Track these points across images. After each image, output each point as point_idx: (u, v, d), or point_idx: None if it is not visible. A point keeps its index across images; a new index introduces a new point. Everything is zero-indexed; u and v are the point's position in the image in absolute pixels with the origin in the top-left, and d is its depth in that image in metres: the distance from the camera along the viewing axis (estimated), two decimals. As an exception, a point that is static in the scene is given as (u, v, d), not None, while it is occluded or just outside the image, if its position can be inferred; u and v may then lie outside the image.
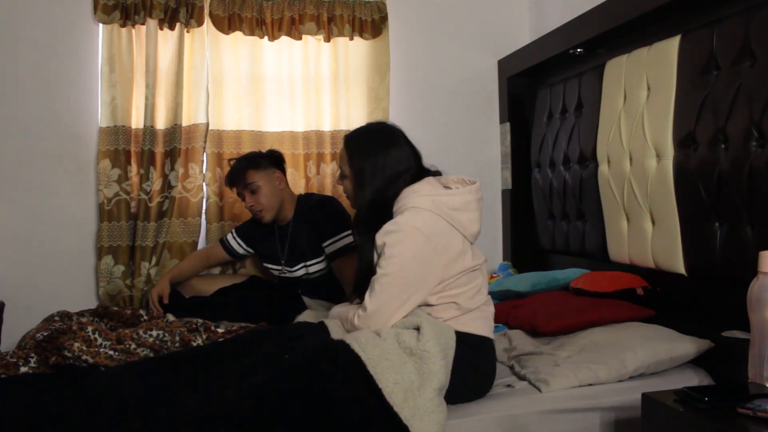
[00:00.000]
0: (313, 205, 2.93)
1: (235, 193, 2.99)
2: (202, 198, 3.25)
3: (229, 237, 3.08)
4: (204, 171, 3.24)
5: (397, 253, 1.89)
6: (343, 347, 1.80)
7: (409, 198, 1.98)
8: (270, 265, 3.04)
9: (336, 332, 1.97)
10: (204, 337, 2.25)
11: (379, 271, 1.92)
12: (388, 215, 1.99)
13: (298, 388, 1.70)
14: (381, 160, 2.02)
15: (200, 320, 2.39)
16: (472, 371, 1.95)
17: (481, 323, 2.02)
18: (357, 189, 2.06)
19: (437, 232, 1.93)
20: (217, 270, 3.25)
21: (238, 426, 1.61)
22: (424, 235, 1.90)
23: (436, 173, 2.11)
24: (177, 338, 2.19)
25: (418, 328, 1.86)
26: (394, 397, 1.71)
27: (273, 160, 2.96)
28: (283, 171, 3.01)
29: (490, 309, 2.08)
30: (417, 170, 2.06)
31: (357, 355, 1.77)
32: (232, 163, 2.97)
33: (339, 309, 2.11)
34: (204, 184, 3.24)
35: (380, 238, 1.92)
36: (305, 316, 2.54)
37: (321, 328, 2.01)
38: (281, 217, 2.95)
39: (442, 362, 1.79)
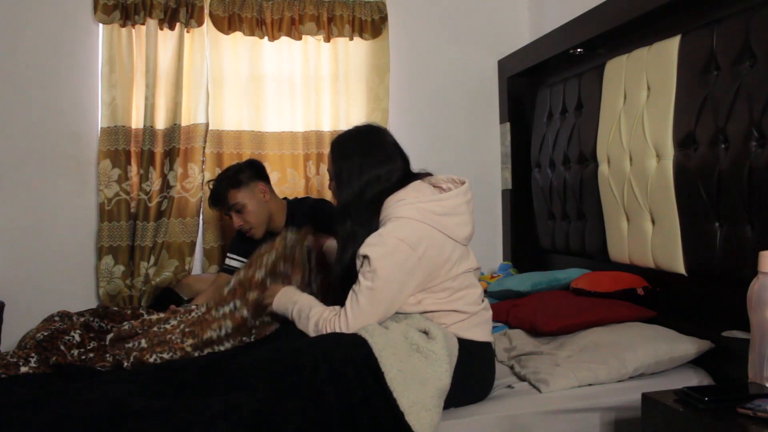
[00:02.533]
0: (306, 210, 2.87)
1: (223, 213, 2.89)
2: (201, 198, 3.25)
3: (228, 261, 2.96)
4: (203, 171, 3.24)
5: (382, 267, 1.86)
6: (352, 334, 1.85)
7: (393, 208, 1.94)
8: None
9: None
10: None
11: (363, 282, 1.89)
12: (367, 218, 1.97)
13: (300, 363, 1.74)
14: (358, 162, 2.00)
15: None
16: (472, 377, 1.95)
17: (481, 329, 2.01)
18: (337, 190, 2.06)
19: (423, 242, 1.89)
20: (213, 269, 3.25)
21: (253, 412, 1.65)
22: (409, 245, 1.87)
23: (426, 175, 2.08)
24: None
25: (425, 332, 1.86)
26: (395, 383, 1.72)
27: (253, 172, 2.86)
28: (266, 180, 2.92)
29: (489, 313, 2.07)
30: (403, 173, 2.03)
31: (363, 338, 1.79)
32: (211, 185, 2.88)
33: (316, 310, 2.02)
34: (203, 184, 3.24)
35: (363, 249, 1.89)
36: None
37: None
38: (273, 226, 2.87)
39: (448, 366, 1.79)
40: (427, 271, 1.91)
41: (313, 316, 1.96)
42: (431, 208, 1.93)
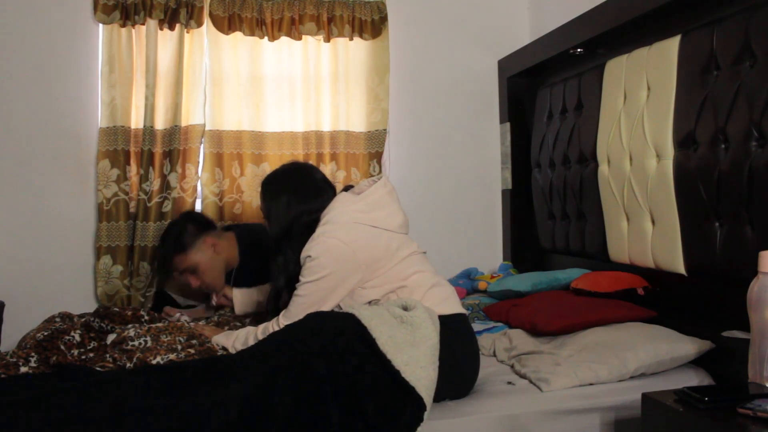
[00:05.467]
0: (251, 239, 2.81)
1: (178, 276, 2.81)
2: (196, 198, 3.24)
3: None
4: (200, 172, 3.23)
5: (321, 262, 2.04)
6: (338, 310, 1.99)
7: (323, 219, 2.13)
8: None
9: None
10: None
11: (303, 279, 2.08)
12: (298, 250, 2.12)
13: (291, 340, 1.83)
14: (285, 199, 2.19)
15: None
16: (456, 352, 1.97)
17: (448, 303, 2.08)
18: (268, 227, 2.26)
19: (355, 239, 2.05)
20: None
21: (247, 395, 1.70)
22: (341, 241, 2.04)
23: (348, 188, 2.24)
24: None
25: (403, 308, 1.93)
26: (387, 347, 1.79)
27: (195, 228, 2.74)
28: (211, 227, 2.82)
29: (450, 287, 2.15)
30: (330, 198, 2.19)
31: (350, 312, 1.88)
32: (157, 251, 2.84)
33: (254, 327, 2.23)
34: (199, 184, 3.23)
35: (303, 254, 2.07)
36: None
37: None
38: (229, 268, 2.79)
39: (433, 327, 1.86)
40: (365, 264, 2.04)
41: (258, 327, 2.16)
42: (356, 209, 2.10)
